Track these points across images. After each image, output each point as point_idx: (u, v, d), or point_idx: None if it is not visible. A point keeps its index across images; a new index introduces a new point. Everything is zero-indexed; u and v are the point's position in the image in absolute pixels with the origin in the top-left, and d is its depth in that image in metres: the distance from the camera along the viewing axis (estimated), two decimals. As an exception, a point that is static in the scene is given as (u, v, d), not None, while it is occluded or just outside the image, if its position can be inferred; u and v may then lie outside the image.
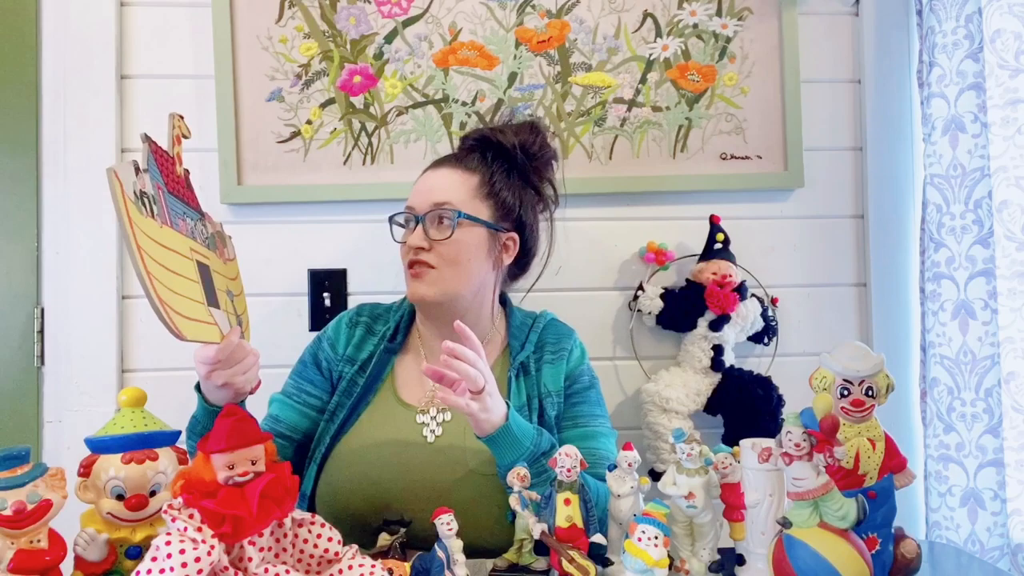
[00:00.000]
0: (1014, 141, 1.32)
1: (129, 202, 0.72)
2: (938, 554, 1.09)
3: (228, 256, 1.03)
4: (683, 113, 1.62)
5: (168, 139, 0.89)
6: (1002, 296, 1.35)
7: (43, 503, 0.70)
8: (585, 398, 1.20)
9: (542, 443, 1.02)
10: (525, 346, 1.20)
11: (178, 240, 0.83)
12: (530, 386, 1.17)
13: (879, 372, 0.85)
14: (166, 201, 0.83)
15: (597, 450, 1.14)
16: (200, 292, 0.85)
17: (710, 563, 0.87)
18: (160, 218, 0.80)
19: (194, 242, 0.88)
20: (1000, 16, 1.33)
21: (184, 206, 0.89)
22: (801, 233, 1.65)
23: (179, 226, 0.85)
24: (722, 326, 1.50)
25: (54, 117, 1.54)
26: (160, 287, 0.73)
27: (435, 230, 1.15)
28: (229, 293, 0.96)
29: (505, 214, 1.21)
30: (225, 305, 0.93)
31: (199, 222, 0.93)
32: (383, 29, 1.58)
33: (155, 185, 0.81)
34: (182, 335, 0.75)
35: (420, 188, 1.19)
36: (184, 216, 0.88)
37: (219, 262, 0.97)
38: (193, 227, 0.90)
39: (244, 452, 0.70)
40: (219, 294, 0.92)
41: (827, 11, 1.66)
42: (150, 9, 1.57)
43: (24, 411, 1.51)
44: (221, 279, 0.95)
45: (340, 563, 0.77)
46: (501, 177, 1.21)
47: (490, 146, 1.24)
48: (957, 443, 1.43)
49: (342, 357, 1.20)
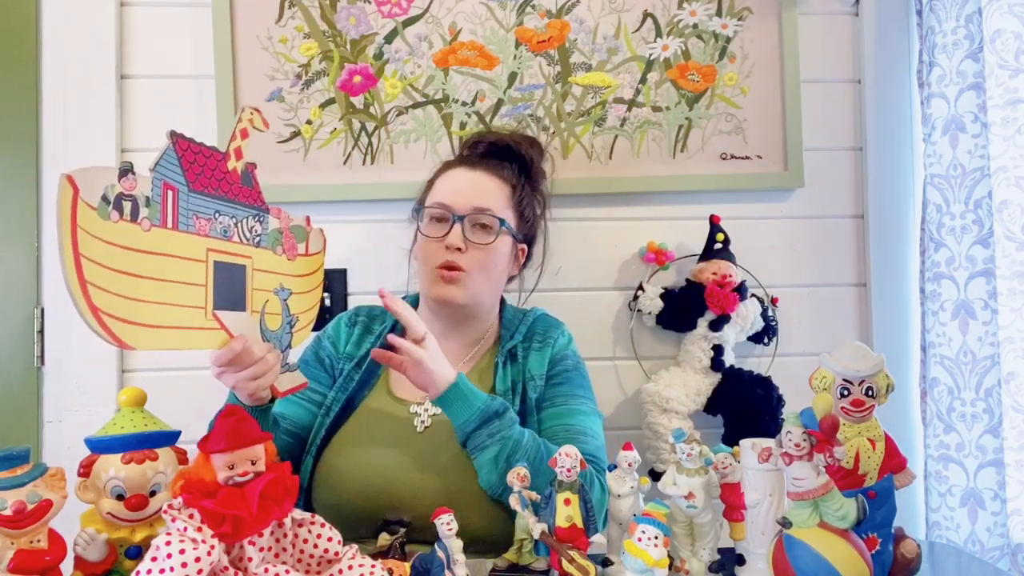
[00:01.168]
0: (1014, 141, 1.32)
1: (86, 208, 0.71)
2: (938, 554, 1.09)
3: (301, 252, 1.03)
4: (683, 113, 1.62)
5: (233, 131, 0.90)
6: (1002, 296, 1.35)
7: (43, 503, 0.70)
8: (567, 379, 1.20)
9: (493, 404, 1.06)
10: (515, 336, 1.23)
11: (181, 242, 0.83)
12: (515, 372, 1.19)
13: (879, 372, 0.85)
14: (180, 201, 0.83)
15: (572, 425, 1.14)
16: (201, 296, 0.85)
17: (710, 563, 0.87)
18: (153, 221, 0.79)
19: (220, 241, 0.88)
20: (1000, 16, 1.33)
21: (220, 203, 0.88)
22: (801, 233, 1.65)
23: (193, 226, 0.84)
24: (722, 326, 1.50)
25: (54, 117, 1.54)
26: (100, 295, 0.72)
27: (474, 234, 1.16)
28: (281, 291, 0.96)
29: (523, 225, 1.26)
30: (258, 305, 0.93)
31: (249, 218, 0.93)
32: (383, 29, 1.58)
33: (164, 185, 0.80)
34: (124, 343, 0.75)
35: (458, 187, 1.19)
36: (214, 214, 0.87)
37: (274, 259, 0.97)
38: (229, 225, 0.89)
39: (244, 452, 0.70)
40: (253, 294, 0.92)
41: (827, 11, 1.66)
42: (150, 9, 1.57)
43: (24, 411, 1.51)
44: (266, 277, 0.95)
45: (340, 563, 0.77)
46: (526, 191, 1.26)
47: (514, 157, 1.27)
48: (957, 443, 1.43)
49: (343, 354, 1.22)
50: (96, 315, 0.72)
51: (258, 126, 0.93)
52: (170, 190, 0.82)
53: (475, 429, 1.04)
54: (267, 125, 0.95)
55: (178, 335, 0.82)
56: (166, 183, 0.81)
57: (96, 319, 0.72)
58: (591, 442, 1.13)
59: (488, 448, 1.03)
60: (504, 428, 1.04)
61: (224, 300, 0.89)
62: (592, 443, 1.13)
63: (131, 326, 0.76)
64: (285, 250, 0.99)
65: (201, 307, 0.86)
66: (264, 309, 0.94)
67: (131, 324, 0.76)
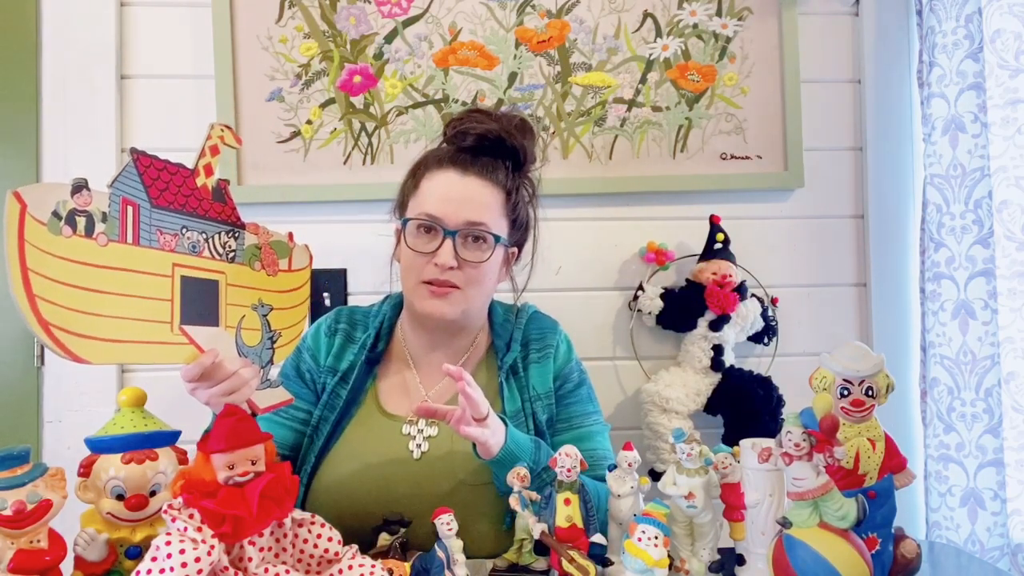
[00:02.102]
0: (1014, 141, 1.32)
1: (34, 223, 0.71)
2: (938, 554, 1.09)
3: (284, 268, 1.01)
4: (683, 113, 1.62)
5: (201, 147, 0.89)
6: (1002, 296, 1.35)
7: (43, 503, 0.70)
8: (577, 397, 1.17)
9: (540, 458, 1.01)
10: (511, 346, 1.16)
11: (143, 257, 0.82)
12: (521, 388, 1.14)
13: (879, 372, 0.85)
14: (142, 217, 0.82)
15: (595, 451, 1.13)
16: (166, 310, 0.84)
17: (710, 563, 0.87)
18: (111, 236, 0.78)
19: (188, 256, 0.87)
20: (1000, 16, 1.33)
21: (188, 218, 0.87)
22: (801, 233, 1.65)
23: (156, 242, 0.83)
24: (722, 326, 1.50)
25: (54, 117, 1.54)
26: (51, 309, 0.72)
27: (467, 250, 1.08)
28: (261, 307, 0.93)
29: (517, 229, 1.18)
30: (233, 321, 0.92)
31: (222, 234, 0.92)
32: (383, 29, 1.58)
33: (123, 200, 0.80)
34: (78, 358, 0.74)
35: (448, 196, 1.09)
36: (181, 230, 0.86)
37: (251, 275, 0.96)
38: (198, 240, 0.89)
39: (244, 452, 0.70)
40: (227, 308, 0.91)
41: (827, 11, 1.66)
42: (150, 9, 1.57)
43: (24, 411, 1.52)
44: (243, 292, 0.94)
45: (340, 563, 0.77)
46: (520, 194, 1.16)
47: (507, 153, 1.15)
48: (957, 443, 1.43)
49: (324, 367, 1.15)
50: (47, 330, 0.71)
51: (229, 143, 0.91)
52: (130, 206, 0.81)
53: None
54: (239, 142, 0.94)
55: (140, 349, 0.81)
56: (125, 199, 0.80)
57: (47, 334, 0.71)
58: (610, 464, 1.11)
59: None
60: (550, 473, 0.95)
61: (193, 314, 0.87)
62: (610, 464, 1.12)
63: (87, 340, 0.75)
64: (264, 266, 0.98)
65: (166, 321, 0.85)
66: (240, 324, 0.92)
67: (86, 338, 0.75)
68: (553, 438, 1.14)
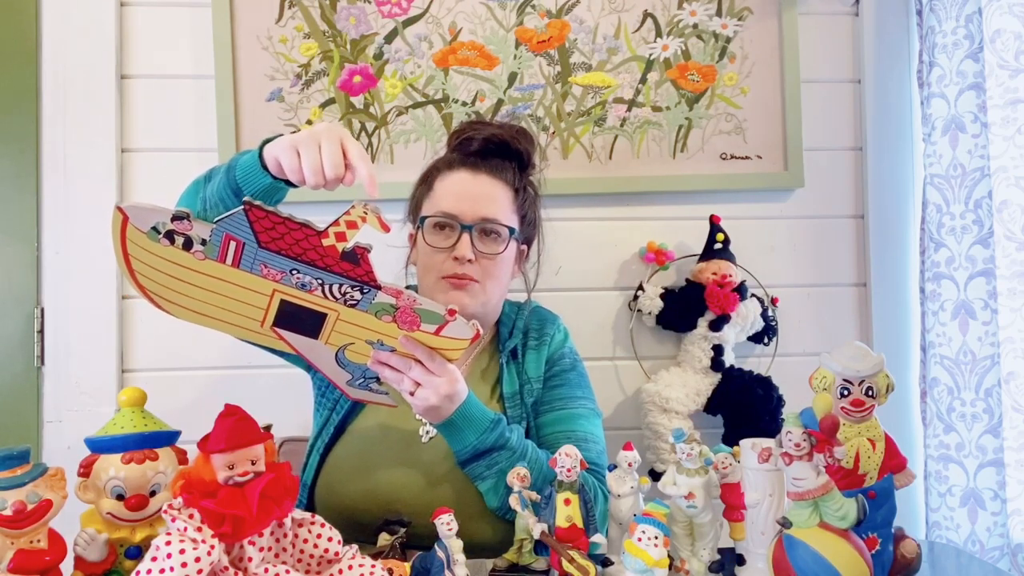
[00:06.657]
0: (1014, 141, 1.32)
1: (135, 231, 0.78)
2: (938, 554, 1.09)
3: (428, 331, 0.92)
4: (683, 113, 1.62)
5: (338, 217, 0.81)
6: (1002, 296, 1.35)
7: (43, 503, 0.70)
8: (565, 380, 1.19)
9: (487, 439, 1.02)
10: (513, 333, 1.22)
11: (241, 276, 0.83)
12: (519, 372, 1.19)
13: (879, 372, 0.85)
14: (246, 252, 0.80)
15: (574, 432, 1.14)
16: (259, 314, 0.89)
17: (710, 563, 0.87)
18: (209, 256, 0.80)
19: (293, 289, 0.85)
20: (1000, 16, 1.33)
21: (300, 265, 0.82)
22: (801, 233, 1.65)
23: (259, 271, 0.82)
24: (722, 326, 1.50)
25: (54, 117, 1.54)
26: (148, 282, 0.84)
27: (483, 244, 1.13)
28: (380, 346, 0.94)
29: (526, 226, 1.23)
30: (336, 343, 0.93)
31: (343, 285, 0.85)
32: (383, 29, 1.58)
33: (225, 236, 0.78)
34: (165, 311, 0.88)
35: (463, 194, 1.14)
36: (289, 271, 0.83)
37: (373, 321, 0.90)
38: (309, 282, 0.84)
39: (244, 452, 0.70)
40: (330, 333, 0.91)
41: (827, 11, 1.66)
42: (150, 9, 1.57)
43: (24, 411, 1.51)
44: (356, 329, 0.91)
45: (340, 563, 0.77)
46: (527, 193, 1.23)
47: (512, 155, 1.21)
48: (957, 443, 1.43)
49: None
50: (143, 292, 0.84)
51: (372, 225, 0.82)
52: (233, 241, 0.79)
53: (471, 459, 1.03)
54: (386, 229, 0.83)
55: (223, 326, 0.89)
56: (229, 235, 0.78)
57: (142, 292, 0.84)
58: (593, 448, 1.12)
59: (486, 479, 1.03)
60: (502, 461, 1.02)
61: (290, 325, 0.88)
62: (594, 449, 1.13)
63: (175, 305, 0.85)
64: (398, 321, 0.90)
65: (256, 319, 0.89)
66: (344, 345, 0.92)
67: (175, 304, 0.86)
68: (536, 420, 1.16)
